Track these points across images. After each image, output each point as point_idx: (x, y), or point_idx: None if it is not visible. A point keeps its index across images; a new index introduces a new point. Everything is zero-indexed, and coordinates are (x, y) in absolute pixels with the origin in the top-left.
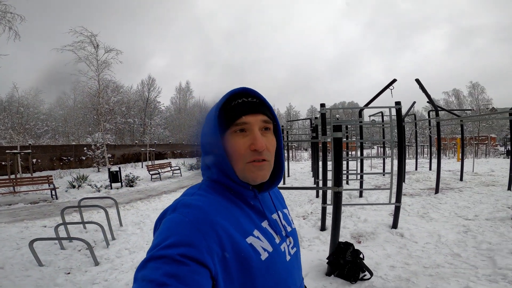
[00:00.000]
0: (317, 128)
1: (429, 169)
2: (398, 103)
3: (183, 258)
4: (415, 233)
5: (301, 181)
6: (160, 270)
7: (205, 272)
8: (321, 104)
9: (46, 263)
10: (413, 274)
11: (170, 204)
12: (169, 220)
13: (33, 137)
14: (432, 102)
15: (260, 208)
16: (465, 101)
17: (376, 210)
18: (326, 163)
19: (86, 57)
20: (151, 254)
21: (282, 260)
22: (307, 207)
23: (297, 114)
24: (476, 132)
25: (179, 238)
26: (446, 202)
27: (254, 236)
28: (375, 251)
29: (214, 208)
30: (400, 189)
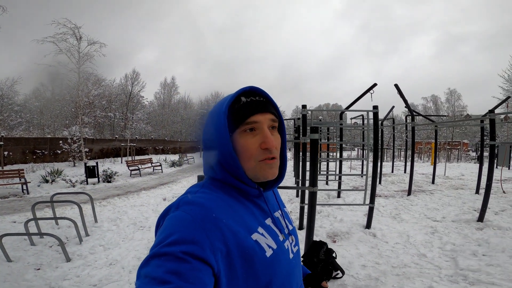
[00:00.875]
0: (299, 128)
1: (404, 172)
2: (376, 107)
3: (185, 256)
4: (387, 233)
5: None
6: (163, 267)
7: (207, 269)
8: (303, 105)
9: (15, 259)
10: (382, 274)
11: (173, 201)
12: (172, 218)
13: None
14: (408, 107)
15: (265, 205)
16: (442, 107)
17: (352, 210)
18: (305, 163)
19: (67, 49)
20: (154, 251)
21: (286, 258)
22: (287, 207)
23: (283, 114)
24: (450, 137)
25: (181, 235)
26: (417, 204)
27: (258, 233)
28: (348, 250)
29: (217, 205)
30: (374, 191)
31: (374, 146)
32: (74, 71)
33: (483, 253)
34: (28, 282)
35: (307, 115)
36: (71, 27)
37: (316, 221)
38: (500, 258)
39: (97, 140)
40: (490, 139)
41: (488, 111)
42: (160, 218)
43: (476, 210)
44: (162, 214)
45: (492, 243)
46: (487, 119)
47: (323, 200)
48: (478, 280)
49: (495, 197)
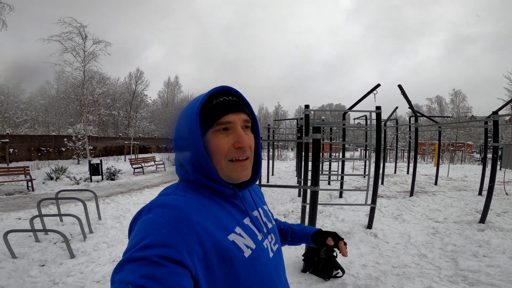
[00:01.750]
0: (302, 128)
1: (407, 173)
2: (378, 108)
3: (161, 259)
4: (388, 233)
5: (284, 180)
6: (137, 272)
7: (184, 272)
8: (305, 105)
9: (20, 255)
10: (382, 273)
11: (145, 204)
12: (144, 221)
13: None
14: (412, 107)
15: (241, 205)
16: (446, 108)
17: (354, 210)
18: (307, 163)
19: (73, 48)
20: (127, 256)
21: (265, 257)
22: (288, 206)
23: (285, 114)
24: (454, 138)
25: (155, 238)
26: (419, 204)
27: (236, 233)
28: (349, 250)
29: (192, 207)
30: (376, 191)
31: (376, 147)
32: (79, 69)
33: (483, 254)
34: (33, 278)
35: (309, 115)
36: (77, 26)
37: (318, 221)
38: (501, 259)
39: (101, 138)
40: (494, 141)
41: (492, 113)
42: (132, 222)
43: (478, 211)
44: (134, 218)
45: (493, 244)
46: (491, 121)
47: (325, 200)
48: (478, 280)
49: (497, 199)
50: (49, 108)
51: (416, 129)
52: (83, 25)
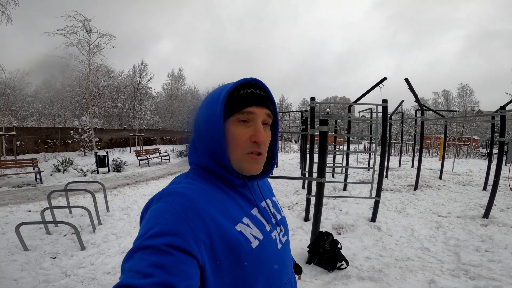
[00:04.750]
0: (307, 121)
1: (412, 167)
2: (385, 101)
3: (169, 248)
4: (391, 227)
5: (288, 172)
6: (146, 260)
7: (191, 261)
8: (311, 98)
9: (32, 248)
10: (385, 266)
11: (156, 193)
12: (154, 210)
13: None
14: (418, 101)
15: (250, 195)
16: (453, 102)
17: (358, 203)
18: (313, 155)
19: (77, 41)
20: (137, 245)
21: (273, 248)
22: (292, 198)
23: (289, 106)
24: (460, 133)
25: (164, 227)
26: (423, 199)
27: (243, 223)
28: (353, 242)
29: (200, 196)
30: (381, 184)
31: (382, 140)
32: (84, 62)
33: (486, 249)
34: (45, 270)
35: (315, 108)
36: (81, 20)
37: (322, 213)
38: (503, 254)
39: (107, 130)
40: (500, 136)
41: (500, 108)
42: (143, 211)
43: (482, 206)
44: (145, 207)
45: (496, 239)
46: (498, 116)
47: (329, 193)
48: (479, 275)
49: (502, 194)
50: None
51: (422, 123)
52: (87, 18)
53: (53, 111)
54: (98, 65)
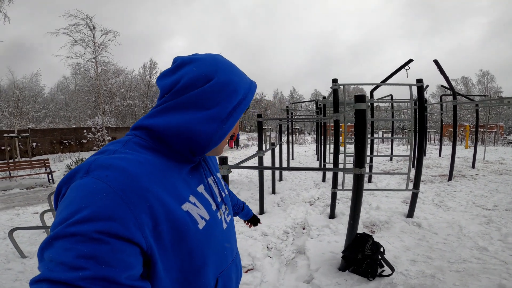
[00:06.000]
0: (325, 108)
1: (439, 155)
2: (420, 81)
3: (102, 236)
4: (433, 223)
5: (305, 164)
6: (72, 251)
7: (132, 249)
8: (333, 79)
9: (30, 255)
10: (438, 270)
11: (81, 163)
12: (80, 186)
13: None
14: (450, 84)
15: (200, 171)
16: (473, 89)
17: (387, 196)
18: (338, 142)
19: (82, 40)
20: (58, 231)
21: (219, 229)
22: (313, 192)
23: (300, 98)
24: (485, 119)
25: (95, 210)
26: (461, 190)
27: (190, 202)
28: (391, 242)
29: (143, 170)
30: (419, 175)
31: (419, 125)
32: (91, 61)
33: None
34: None
35: (338, 90)
36: (83, 18)
37: (349, 209)
38: None
39: (120, 128)
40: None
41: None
42: (61, 184)
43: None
44: (65, 178)
45: None
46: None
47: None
48: None
49: None
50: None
51: (455, 107)
52: (89, 16)
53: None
54: (105, 63)
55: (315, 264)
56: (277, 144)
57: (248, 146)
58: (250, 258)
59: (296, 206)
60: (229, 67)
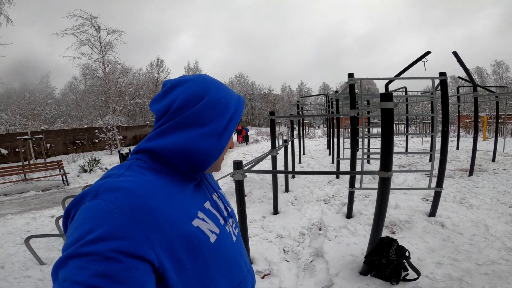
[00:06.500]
0: (337, 102)
1: (457, 148)
2: (443, 74)
3: (116, 254)
4: (457, 222)
5: (317, 159)
6: (88, 270)
7: (145, 267)
8: (349, 74)
9: (48, 261)
10: (465, 273)
11: (88, 187)
12: (91, 208)
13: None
14: (470, 76)
15: (204, 188)
16: (488, 79)
17: (406, 194)
18: (356, 141)
19: (88, 40)
20: (72, 251)
21: (230, 242)
22: (327, 190)
23: (309, 91)
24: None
25: (107, 230)
26: (483, 186)
27: (199, 218)
28: (414, 243)
29: (150, 191)
30: (443, 172)
31: (443, 119)
32: (99, 61)
33: None
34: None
35: (355, 85)
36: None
37: (367, 208)
38: None
39: (130, 127)
40: None
41: None
42: (70, 207)
43: None
44: (74, 202)
45: None
46: None
47: (368, 182)
48: None
49: None
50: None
51: (476, 99)
52: (93, 16)
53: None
54: (112, 62)
55: (335, 268)
56: (289, 140)
57: (257, 141)
58: (266, 262)
59: (310, 205)
60: (218, 85)
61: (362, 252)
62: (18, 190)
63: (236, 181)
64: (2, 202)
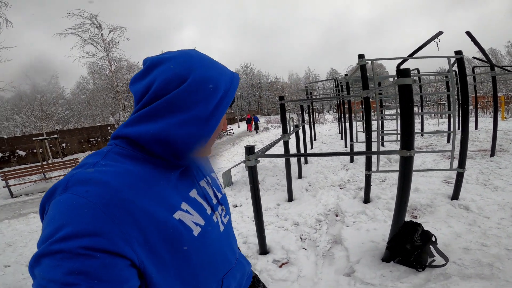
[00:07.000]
0: (348, 85)
1: (475, 128)
2: (459, 52)
3: (89, 251)
4: (483, 205)
5: (329, 144)
6: (61, 268)
7: (122, 262)
8: (359, 55)
9: None
10: (496, 259)
11: (61, 179)
12: (60, 203)
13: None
14: (487, 56)
15: (190, 175)
16: (503, 60)
17: (425, 176)
18: (370, 123)
19: (91, 38)
20: (43, 249)
21: (216, 233)
22: (342, 174)
23: (316, 77)
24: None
25: (78, 226)
26: (506, 166)
27: (182, 210)
28: (438, 228)
29: (125, 182)
30: (465, 152)
31: (462, 99)
32: (104, 59)
33: None
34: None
35: (366, 66)
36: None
37: (384, 191)
38: None
39: None
40: None
41: None
42: (43, 201)
43: None
44: (46, 195)
45: None
46: None
47: (384, 165)
48: None
49: None
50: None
51: (494, 78)
52: (93, 14)
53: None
54: (117, 59)
55: (355, 255)
56: (300, 126)
57: (267, 130)
58: (283, 251)
59: (325, 190)
60: (205, 62)
61: (383, 238)
62: (39, 190)
63: (249, 167)
64: (25, 202)
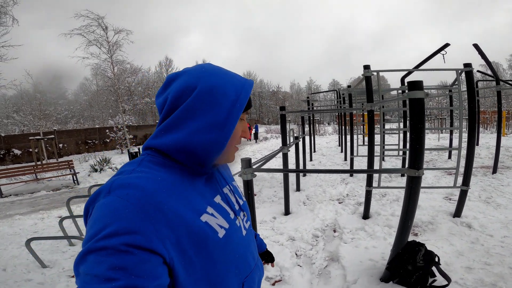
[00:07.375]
0: (350, 97)
1: (476, 145)
2: (468, 65)
3: (129, 248)
4: (486, 223)
5: (329, 156)
6: (104, 263)
7: (156, 259)
8: (365, 66)
9: (51, 264)
10: (499, 278)
11: (103, 184)
12: (104, 205)
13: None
14: (492, 69)
15: (214, 182)
16: (504, 74)
17: (426, 192)
18: (373, 137)
19: (96, 40)
20: (89, 246)
21: (239, 236)
22: (341, 189)
23: (318, 88)
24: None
25: (120, 225)
26: (508, 184)
27: (208, 213)
28: (440, 247)
29: (159, 187)
30: (470, 169)
31: (469, 114)
32: (107, 61)
33: None
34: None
35: (371, 78)
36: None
37: (385, 207)
38: None
39: (141, 126)
40: None
41: None
42: (88, 205)
43: None
44: (90, 199)
45: None
46: None
47: (385, 180)
48: None
49: None
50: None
51: (499, 93)
52: (100, 16)
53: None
54: (120, 62)
55: (352, 274)
56: (300, 137)
57: (267, 139)
58: (277, 267)
59: (323, 204)
60: (214, 71)
61: (383, 257)
62: (29, 190)
63: (245, 181)
64: (12, 202)
